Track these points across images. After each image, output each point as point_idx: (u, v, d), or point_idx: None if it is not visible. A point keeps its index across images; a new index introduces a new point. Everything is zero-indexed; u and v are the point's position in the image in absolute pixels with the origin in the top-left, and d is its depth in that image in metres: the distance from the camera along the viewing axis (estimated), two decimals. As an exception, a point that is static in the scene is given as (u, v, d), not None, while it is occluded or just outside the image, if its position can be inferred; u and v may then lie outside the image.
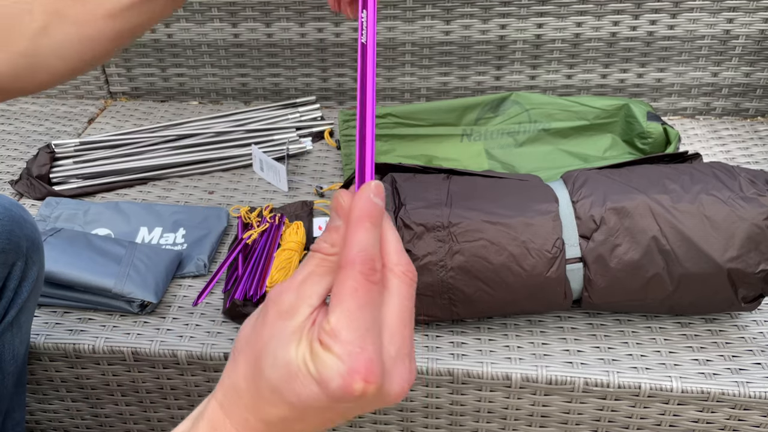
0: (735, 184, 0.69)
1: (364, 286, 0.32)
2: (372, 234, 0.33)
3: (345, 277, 0.32)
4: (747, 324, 0.75)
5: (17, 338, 0.69)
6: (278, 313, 0.33)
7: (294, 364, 0.31)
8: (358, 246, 0.33)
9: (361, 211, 0.34)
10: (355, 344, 0.31)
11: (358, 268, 0.32)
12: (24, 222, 0.66)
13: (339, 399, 0.31)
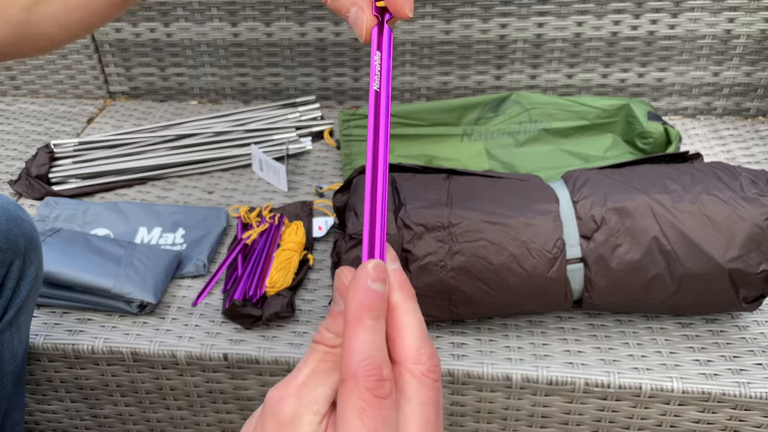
0: (736, 184, 0.69)
1: (373, 404, 0.27)
2: (374, 333, 0.28)
3: (349, 394, 0.27)
4: (748, 324, 0.75)
5: (16, 338, 0.69)
6: (277, 425, 0.27)
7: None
8: (359, 353, 0.27)
9: (358, 306, 0.28)
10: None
11: (363, 383, 0.27)
12: (21, 221, 0.66)
13: None
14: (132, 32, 1.17)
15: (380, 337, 0.28)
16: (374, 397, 0.27)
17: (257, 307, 0.76)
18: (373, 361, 0.27)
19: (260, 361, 0.72)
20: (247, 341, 0.74)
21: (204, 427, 0.81)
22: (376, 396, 0.27)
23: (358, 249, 0.70)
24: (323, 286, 0.81)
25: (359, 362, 0.27)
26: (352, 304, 0.28)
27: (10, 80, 1.26)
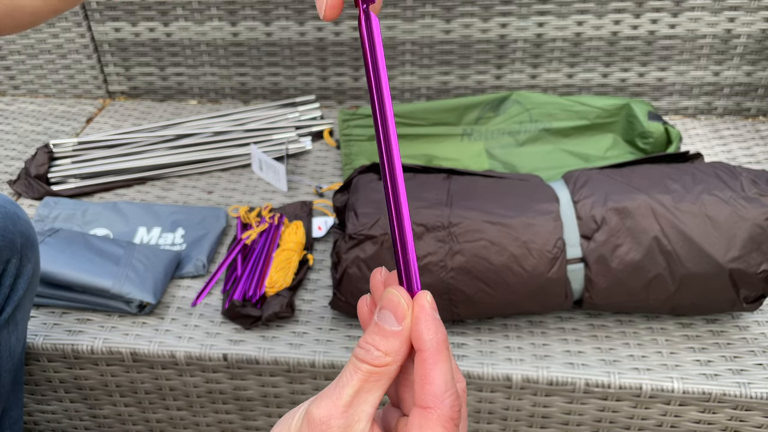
0: (737, 184, 0.69)
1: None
2: (449, 364, 0.29)
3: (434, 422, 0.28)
4: (748, 324, 0.75)
5: (13, 336, 0.69)
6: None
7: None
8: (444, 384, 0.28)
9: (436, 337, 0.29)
10: None
11: (448, 413, 0.28)
12: (17, 219, 0.66)
13: None
14: (131, 32, 1.17)
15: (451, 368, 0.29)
16: (455, 426, 0.28)
17: (257, 307, 0.76)
18: (454, 392, 0.28)
19: (260, 362, 0.72)
20: (247, 341, 0.74)
21: (203, 428, 0.81)
22: (456, 425, 0.28)
23: (358, 249, 0.69)
24: (323, 286, 0.81)
25: (445, 393, 0.28)
26: (429, 335, 0.29)
27: (9, 80, 1.26)
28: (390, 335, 0.29)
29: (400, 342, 0.29)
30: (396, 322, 0.29)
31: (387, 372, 0.29)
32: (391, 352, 0.29)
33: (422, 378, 0.29)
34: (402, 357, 0.29)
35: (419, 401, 0.29)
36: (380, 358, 0.29)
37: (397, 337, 0.29)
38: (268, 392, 0.76)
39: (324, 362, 0.71)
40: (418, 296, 0.30)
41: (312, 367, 0.72)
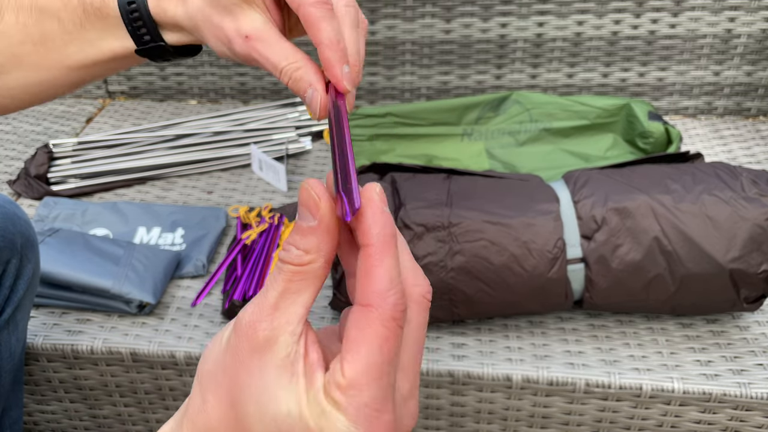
0: (737, 184, 0.69)
1: (396, 333, 0.26)
2: (396, 260, 0.27)
3: (373, 321, 0.26)
4: (749, 325, 0.75)
5: (13, 336, 0.69)
6: (253, 349, 0.27)
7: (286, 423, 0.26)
8: (387, 281, 0.26)
9: (382, 232, 0.27)
10: (374, 407, 0.26)
11: (391, 313, 0.26)
12: (17, 219, 0.66)
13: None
14: (131, 32, 1.17)
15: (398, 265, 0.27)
16: (398, 327, 0.26)
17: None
18: (400, 289, 0.27)
19: (260, 362, 0.72)
20: (247, 342, 0.74)
21: (203, 428, 0.81)
22: (399, 326, 0.26)
23: (358, 249, 0.69)
24: (323, 286, 0.81)
25: (388, 290, 0.26)
26: (375, 229, 0.27)
27: (9, 80, 1.26)
28: (307, 232, 0.28)
29: (318, 238, 0.28)
30: (312, 217, 0.28)
31: (311, 270, 0.28)
32: (311, 249, 0.28)
33: (365, 274, 0.27)
34: (326, 253, 0.28)
35: (360, 299, 0.27)
36: (300, 257, 0.28)
37: (313, 233, 0.28)
38: (268, 392, 0.76)
39: (324, 362, 0.71)
40: (367, 188, 0.28)
41: (312, 368, 0.71)
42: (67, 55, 0.50)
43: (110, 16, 0.49)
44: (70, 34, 0.50)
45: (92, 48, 0.50)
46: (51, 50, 0.50)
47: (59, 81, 0.52)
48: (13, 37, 0.50)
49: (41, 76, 0.51)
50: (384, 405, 0.26)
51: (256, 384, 0.27)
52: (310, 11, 0.39)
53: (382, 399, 0.26)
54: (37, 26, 0.50)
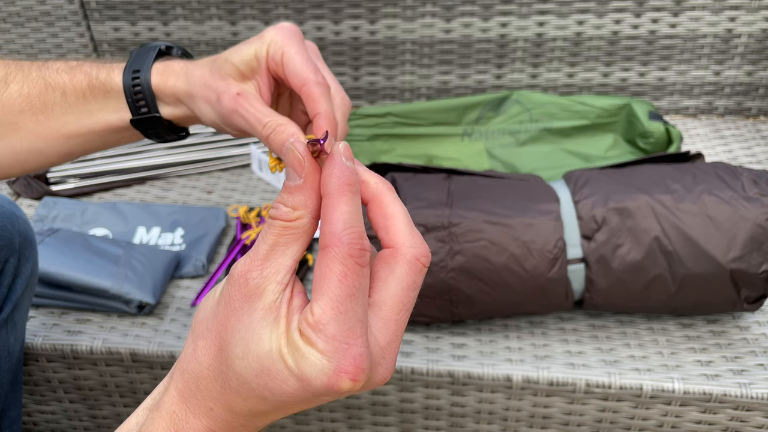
0: (737, 184, 0.68)
1: (354, 270, 0.28)
2: (355, 206, 0.29)
3: (331, 259, 0.28)
4: (749, 325, 0.74)
5: (12, 336, 0.69)
6: (243, 296, 0.30)
7: (268, 359, 0.29)
8: (342, 222, 0.29)
9: (338, 180, 0.29)
10: (342, 339, 0.28)
11: (347, 250, 0.28)
12: (15, 218, 0.66)
13: (322, 395, 0.29)
14: (131, 31, 1.17)
15: (359, 211, 0.30)
16: (355, 264, 0.28)
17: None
18: (356, 230, 0.29)
19: (259, 362, 0.72)
20: (247, 342, 0.74)
21: (203, 428, 0.81)
22: (357, 263, 0.28)
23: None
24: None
25: (343, 231, 0.28)
26: (332, 179, 0.29)
27: (9, 79, 1.26)
28: (294, 190, 0.30)
29: (304, 195, 0.30)
30: (297, 176, 0.30)
31: (300, 226, 0.30)
32: (298, 206, 0.30)
33: (323, 220, 0.29)
34: (312, 209, 0.30)
35: (321, 243, 0.29)
36: (289, 213, 0.30)
37: (300, 190, 0.30)
38: (267, 393, 0.76)
39: (324, 363, 0.71)
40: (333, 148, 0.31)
41: (312, 368, 0.71)
42: (63, 124, 0.52)
43: (113, 90, 0.52)
44: (71, 105, 0.53)
45: (89, 118, 0.52)
46: (49, 118, 0.52)
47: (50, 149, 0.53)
48: (14, 106, 0.52)
49: (34, 143, 0.52)
50: (351, 338, 0.28)
51: (245, 327, 0.29)
52: (314, 90, 0.45)
53: (348, 331, 0.28)
54: (40, 97, 0.52)
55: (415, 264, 0.31)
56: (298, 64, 0.46)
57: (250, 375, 0.29)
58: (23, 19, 1.15)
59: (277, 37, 0.47)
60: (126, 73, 0.52)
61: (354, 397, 0.75)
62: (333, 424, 0.79)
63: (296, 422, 0.79)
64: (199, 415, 0.31)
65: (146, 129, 0.53)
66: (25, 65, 0.53)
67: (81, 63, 0.54)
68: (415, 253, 0.31)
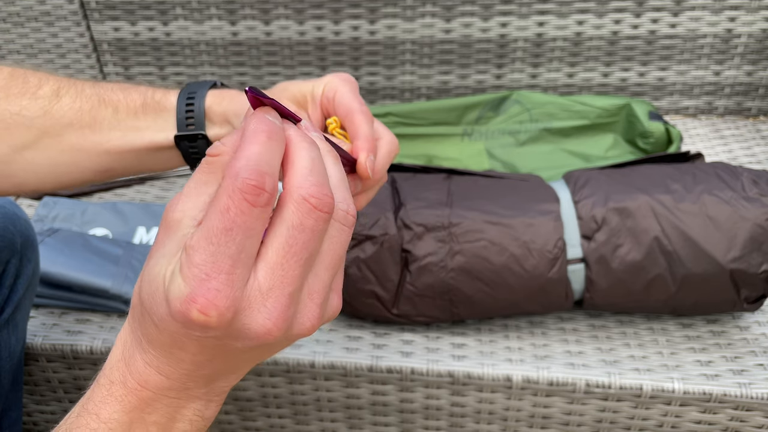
0: (737, 184, 0.68)
1: (239, 207, 0.27)
2: (269, 149, 0.29)
3: (222, 190, 0.28)
4: (749, 325, 0.74)
5: (13, 336, 0.69)
6: (164, 228, 0.30)
7: (155, 282, 0.29)
8: (246, 159, 0.28)
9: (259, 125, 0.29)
10: (204, 269, 0.27)
11: (239, 184, 0.27)
12: (17, 218, 0.66)
13: (183, 325, 0.28)
14: (130, 31, 1.17)
15: (272, 157, 0.29)
16: (243, 200, 0.27)
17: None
18: (257, 169, 0.27)
19: (259, 362, 0.72)
20: (247, 342, 0.74)
21: (203, 428, 0.81)
22: (245, 200, 0.27)
23: (358, 249, 0.69)
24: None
25: (243, 166, 0.28)
26: (251, 124, 0.30)
27: (9, 79, 1.25)
28: (235, 132, 0.31)
29: (237, 137, 0.30)
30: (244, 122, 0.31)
31: (219, 162, 0.30)
32: (227, 144, 0.31)
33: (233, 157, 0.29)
34: None
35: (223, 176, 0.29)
36: (216, 148, 0.31)
37: (237, 132, 0.31)
38: (267, 393, 0.76)
39: (324, 363, 0.71)
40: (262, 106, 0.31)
41: (311, 368, 0.71)
42: (108, 139, 0.53)
43: (166, 109, 0.53)
44: (120, 121, 0.53)
45: (135, 135, 0.53)
46: (95, 133, 0.53)
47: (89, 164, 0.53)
48: (64, 118, 0.52)
49: (74, 157, 0.53)
50: (214, 271, 0.27)
51: (156, 254, 0.30)
52: (357, 116, 0.48)
53: (213, 264, 0.27)
54: (91, 112, 0.52)
55: (302, 203, 0.29)
56: (347, 97, 0.50)
57: (145, 299, 0.30)
58: (23, 19, 1.15)
59: (335, 79, 0.51)
60: (182, 95, 0.54)
61: (354, 397, 0.75)
62: (333, 424, 0.79)
63: (296, 422, 0.79)
64: (137, 346, 0.32)
65: (188, 149, 0.54)
66: (79, 82, 0.54)
67: (137, 85, 0.55)
68: (303, 192, 0.29)
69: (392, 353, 0.72)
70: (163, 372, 0.31)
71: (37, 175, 0.53)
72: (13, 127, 0.51)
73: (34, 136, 0.51)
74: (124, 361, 0.32)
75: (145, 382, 0.31)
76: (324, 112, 0.52)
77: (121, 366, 0.32)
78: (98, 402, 0.32)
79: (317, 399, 0.76)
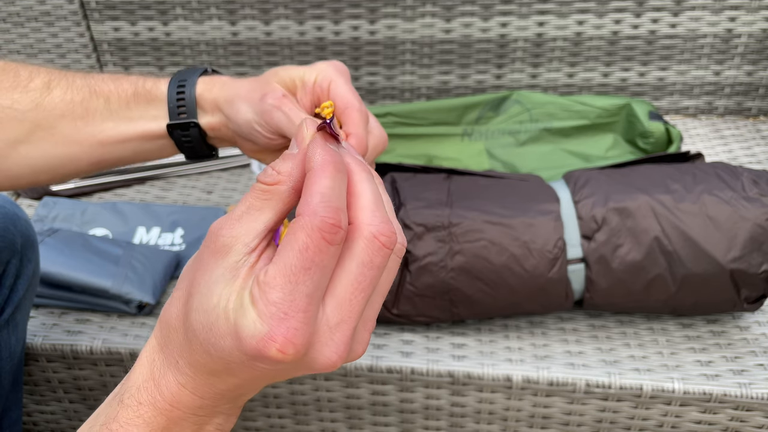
0: (737, 184, 0.68)
1: (318, 246, 0.27)
2: (336, 183, 0.29)
3: (299, 228, 0.28)
4: (749, 325, 0.74)
5: (13, 336, 0.69)
6: (211, 252, 0.30)
7: (214, 313, 0.29)
8: (320, 195, 0.28)
9: (324, 156, 0.29)
10: (282, 308, 0.27)
11: (318, 223, 0.27)
12: (17, 219, 0.66)
13: (254, 359, 0.28)
14: (130, 31, 1.17)
15: (341, 190, 0.29)
16: (321, 239, 0.27)
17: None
18: (332, 205, 0.28)
19: (259, 362, 0.72)
20: (247, 342, 0.74)
21: (203, 428, 0.81)
22: (323, 239, 0.27)
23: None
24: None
25: (319, 203, 0.28)
26: (316, 155, 0.29)
27: (9, 79, 1.25)
28: (287, 157, 0.31)
29: (293, 164, 0.30)
30: (296, 147, 0.31)
31: (276, 191, 0.30)
32: (283, 172, 0.30)
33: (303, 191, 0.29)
34: (295, 179, 0.30)
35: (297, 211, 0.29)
36: (272, 177, 0.30)
37: (291, 159, 0.30)
38: (267, 393, 0.76)
39: (324, 363, 0.71)
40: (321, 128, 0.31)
41: (312, 368, 0.71)
42: (101, 130, 0.53)
43: (157, 98, 0.53)
44: (112, 112, 0.53)
45: (128, 124, 0.53)
46: (88, 125, 0.53)
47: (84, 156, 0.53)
48: (56, 110, 0.52)
49: (68, 149, 0.53)
50: (292, 310, 0.27)
51: (205, 281, 0.30)
52: (355, 114, 0.48)
53: (291, 303, 0.27)
54: (83, 103, 0.53)
55: (373, 242, 0.29)
56: (343, 90, 0.50)
57: (198, 328, 0.29)
58: (23, 19, 1.15)
59: (329, 68, 0.51)
60: (172, 83, 0.53)
61: (354, 397, 0.75)
62: (333, 424, 0.79)
63: (296, 422, 0.79)
64: (171, 367, 0.32)
65: (180, 137, 0.54)
66: (69, 73, 0.54)
67: (128, 75, 0.55)
68: (373, 230, 0.29)
69: (392, 353, 0.72)
70: (198, 392, 0.31)
71: (32, 168, 0.53)
72: (6, 122, 0.51)
73: (27, 130, 0.51)
74: (153, 381, 0.32)
75: (177, 402, 0.31)
76: (316, 99, 0.52)
77: (150, 386, 0.32)
78: (124, 423, 0.32)
79: (317, 399, 0.76)
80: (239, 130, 0.52)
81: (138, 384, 0.32)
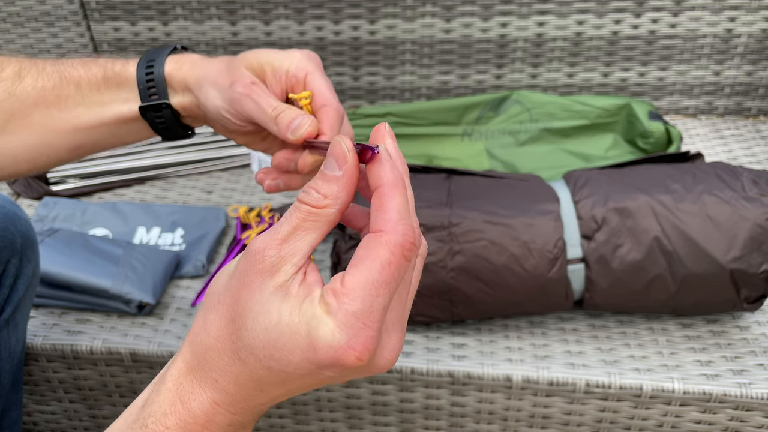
0: (737, 184, 0.68)
1: (399, 262, 0.29)
2: (406, 201, 0.31)
3: (381, 244, 0.29)
4: (749, 325, 0.74)
5: (13, 336, 0.69)
6: (258, 271, 0.30)
7: (277, 330, 0.29)
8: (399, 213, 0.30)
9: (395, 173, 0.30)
10: (361, 319, 0.29)
11: (400, 240, 0.29)
12: (17, 218, 0.66)
13: (325, 368, 0.29)
14: (131, 31, 1.17)
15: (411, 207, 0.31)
16: (402, 257, 0.29)
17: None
18: (410, 224, 0.30)
19: (259, 362, 0.72)
20: (247, 342, 0.74)
21: (203, 428, 0.81)
22: (404, 256, 0.29)
23: (358, 249, 0.69)
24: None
25: (398, 221, 0.29)
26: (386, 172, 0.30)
27: (9, 79, 1.25)
28: (331, 179, 0.31)
29: (339, 186, 0.31)
30: (338, 168, 0.31)
31: (325, 214, 0.31)
32: (330, 195, 0.31)
33: (377, 209, 0.30)
34: (342, 202, 0.31)
35: (371, 228, 0.30)
36: (319, 200, 0.31)
37: (336, 181, 0.31)
38: (267, 393, 0.76)
39: (324, 363, 0.71)
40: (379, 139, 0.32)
41: (312, 368, 0.71)
42: (75, 116, 0.52)
43: (127, 81, 0.53)
44: (84, 97, 0.53)
45: (101, 109, 0.53)
46: (62, 111, 0.52)
47: (61, 143, 0.53)
48: (28, 99, 0.52)
49: (45, 137, 0.52)
50: (370, 321, 0.28)
51: (256, 300, 0.30)
52: (332, 114, 0.49)
53: (370, 314, 0.28)
54: (54, 90, 0.52)
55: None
56: (323, 86, 0.50)
57: (257, 346, 0.30)
58: (23, 19, 1.15)
59: (303, 59, 0.51)
60: (140, 64, 0.53)
61: (354, 397, 0.75)
62: (333, 424, 0.79)
63: (296, 422, 0.79)
64: (205, 387, 0.32)
65: (154, 119, 0.54)
66: (40, 61, 0.54)
67: (96, 58, 0.54)
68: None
69: (392, 353, 0.72)
70: (232, 409, 0.32)
71: (12, 158, 0.52)
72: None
73: (3, 120, 0.51)
74: (182, 404, 0.32)
75: (209, 422, 0.32)
76: (289, 88, 0.52)
77: (178, 409, 0.32)
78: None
79: (317, 399, 0.76)
80: (209, 114, 0.52)
81: (164, 409, 0.32)
